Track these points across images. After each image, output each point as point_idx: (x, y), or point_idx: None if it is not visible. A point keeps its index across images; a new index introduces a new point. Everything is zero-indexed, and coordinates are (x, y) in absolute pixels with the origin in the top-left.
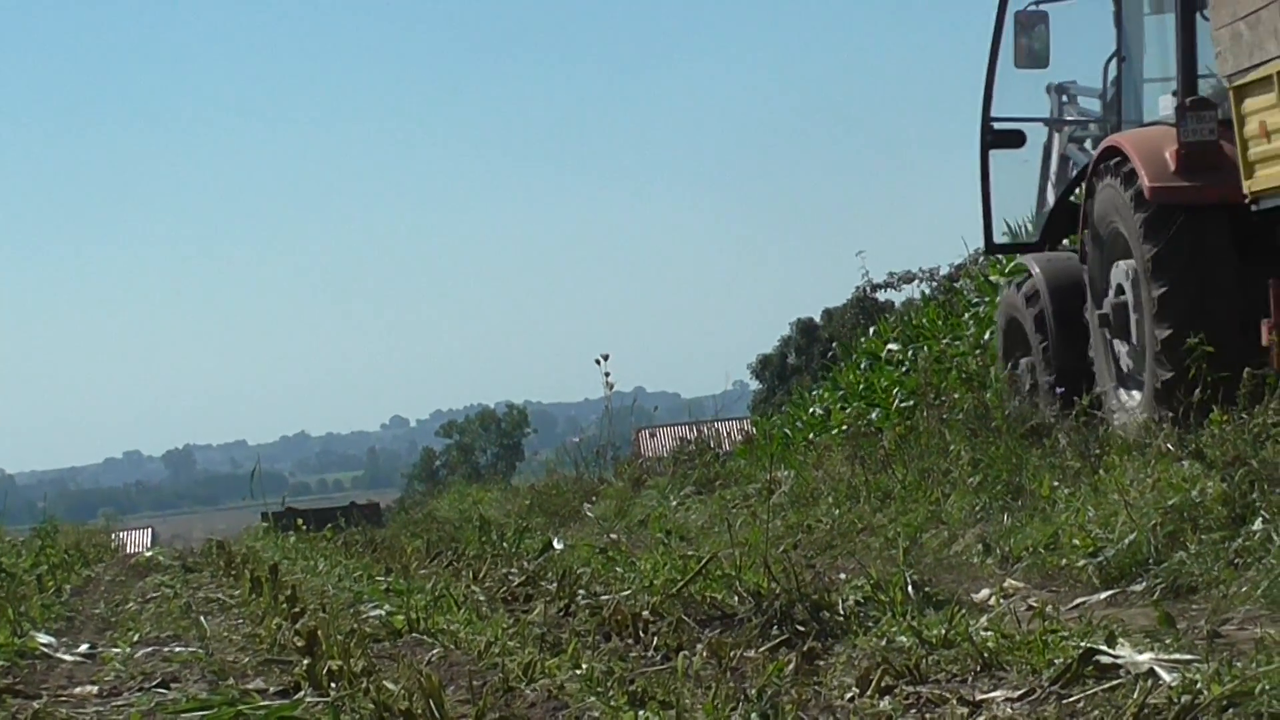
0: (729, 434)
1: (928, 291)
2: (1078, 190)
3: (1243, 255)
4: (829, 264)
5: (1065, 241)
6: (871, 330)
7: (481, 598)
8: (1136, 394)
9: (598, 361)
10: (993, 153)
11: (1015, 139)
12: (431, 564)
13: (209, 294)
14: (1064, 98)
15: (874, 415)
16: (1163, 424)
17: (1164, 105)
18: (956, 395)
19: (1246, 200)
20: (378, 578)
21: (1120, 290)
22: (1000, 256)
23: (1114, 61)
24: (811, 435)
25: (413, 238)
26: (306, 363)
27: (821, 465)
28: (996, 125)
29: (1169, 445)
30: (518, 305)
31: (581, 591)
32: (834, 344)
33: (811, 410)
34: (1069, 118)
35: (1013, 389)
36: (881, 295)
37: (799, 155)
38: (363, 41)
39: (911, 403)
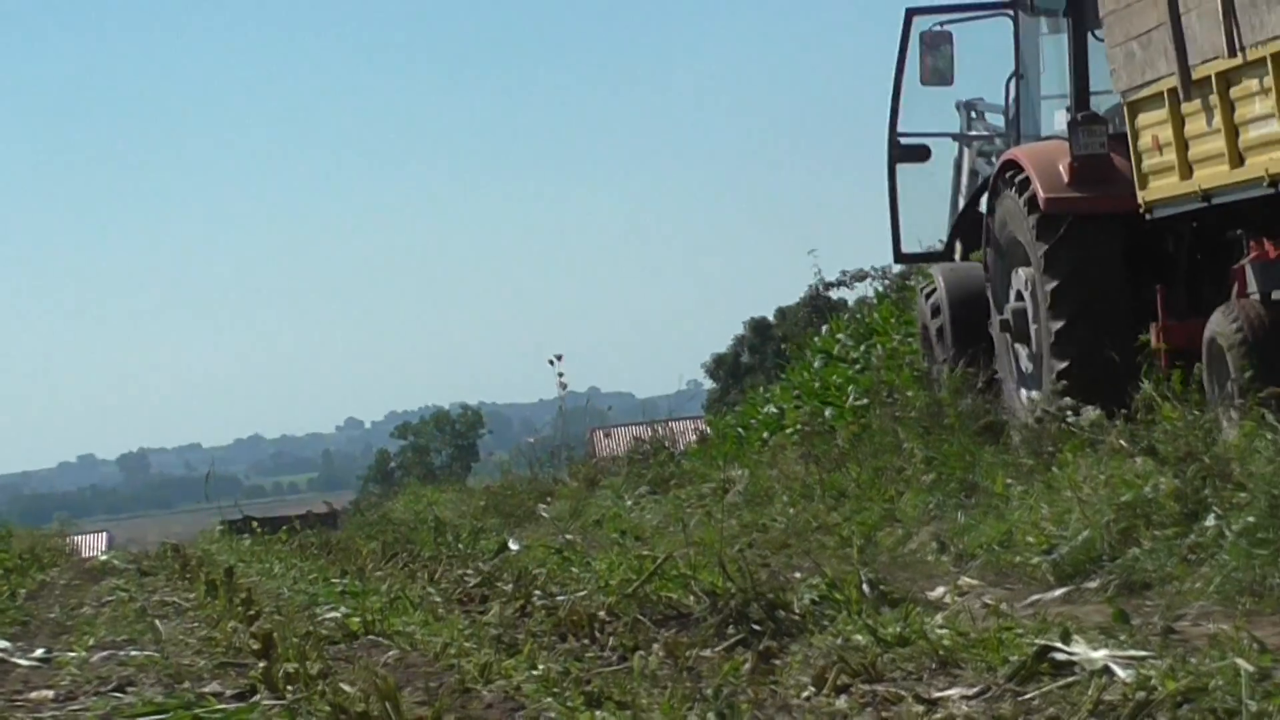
0: (684, 433)
1: (880, 289)
2: (982, 201)
3: (1134, 263)
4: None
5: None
6: (824, 328)
7: (437, 599)
8: (1036, 395)
9: (551, 362)
10: (902, 166)
11: (921, 153)
12: (387, 566)
13: (162, 296)
14: (972, 114)
15: (828, 414)
16: (1114, 420)
17: (1058, 121)
18: (910, 393)
19: (1141, 210)
20: (333, 580)
21: (1020, 296)
22: None
23: (1014, 79)
24: (766, 434)
25: (365, 239)
26: (260, 365)
27: (776, 464)
28: (903, 140)
29: (1122, 442)
30: (471, 306)
31: (537, 592)
32: (787, 343)
33: (765, 409)
34: (976, 133)
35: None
36: (834, 293)
37: (751, 154)
38: (317, 45)
39: (865, 401)
